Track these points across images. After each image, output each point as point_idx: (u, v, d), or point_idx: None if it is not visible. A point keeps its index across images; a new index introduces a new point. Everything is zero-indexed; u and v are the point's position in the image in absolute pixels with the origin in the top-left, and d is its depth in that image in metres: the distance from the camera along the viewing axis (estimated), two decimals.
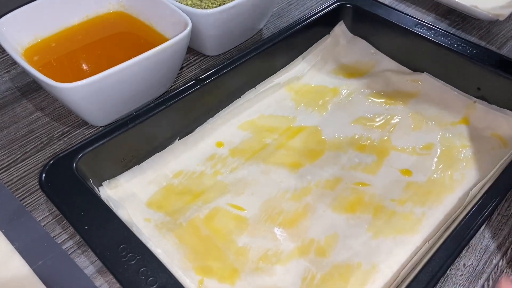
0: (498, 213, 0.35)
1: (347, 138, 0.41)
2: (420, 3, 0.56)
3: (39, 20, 0.43)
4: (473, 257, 0.32)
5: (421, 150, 0.40)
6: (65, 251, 0.33)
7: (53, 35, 0.44)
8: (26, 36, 0.42)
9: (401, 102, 0.44)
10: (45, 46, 0.43)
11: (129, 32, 0.45)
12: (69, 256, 0.32)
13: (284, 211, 0.35)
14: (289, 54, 0.46)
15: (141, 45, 0.43)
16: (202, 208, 0.35)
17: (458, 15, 0.54)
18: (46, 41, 0.43)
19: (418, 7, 0.56)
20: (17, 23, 0.41)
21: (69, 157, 0.32)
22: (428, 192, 0.36)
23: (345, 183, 0.37)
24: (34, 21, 0.42)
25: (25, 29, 0.42)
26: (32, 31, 0.42)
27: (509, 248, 0.33)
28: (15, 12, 0.41)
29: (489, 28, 0.52)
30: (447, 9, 0.55)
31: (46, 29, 0.43)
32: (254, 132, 0.41)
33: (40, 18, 0.43)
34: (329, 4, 0.48)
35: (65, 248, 0.33)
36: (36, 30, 0.43)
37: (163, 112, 0.37)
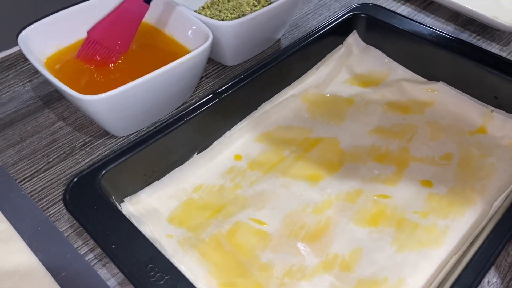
0: None
1: (366, 148, 0.41)
2: (439, 13, 0.56)
3: (61, 31, 0.43)
4: (497, 275, 0.32)
5: (440, 160, 0.39)
6: (88, 263, 0.33)
7: (75, 45, 0.44)
8: (49, 46, 0.43)
9: (417, 111, 0.44)
10: (67, 56, 0.43)
11: (150, 43, 0.45)
12: (92, 267, 0.32)
13: (306, 225, 0.35)
14: (303, 64, 0.46)
15: (162, 56, 0.43)
16: (224, 223, 0.35)
17: (478, 26, 0.54)
18: (68, 51, 0.43)
19: (438, 17, 0.56)
20: (40, 34, 0.42)
21: (92, 174, 0.32)
22: (450, 204, 0.36)
23: (366, 196, 0.37)
24: (57, 32, 0.43)
25: (48, 39, 0.42)
26: (54, 42, 0.43)
27: None
28: (38, 23, 0.42)
29: (510, 39, 0.52)
30: (467, 20, 0.55)
31: (69, 40, 0.44)
32: (271, 144, 0.41)
33: (63, 29, 0.43)
34: (342, 14, 0.48)
35: (88, 259, 0.33)
36: (59, 41, 0.43)
37: (183, 126, 0.37)
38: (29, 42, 0.41)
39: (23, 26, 0.44)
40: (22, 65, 0.50)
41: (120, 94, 0.36)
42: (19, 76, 0.48)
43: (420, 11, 0.57)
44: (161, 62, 0.37)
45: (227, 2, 0.53)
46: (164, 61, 0.37)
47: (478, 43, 0.52)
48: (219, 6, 0.52)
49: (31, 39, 0.41)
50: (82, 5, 0.44)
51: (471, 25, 0.55)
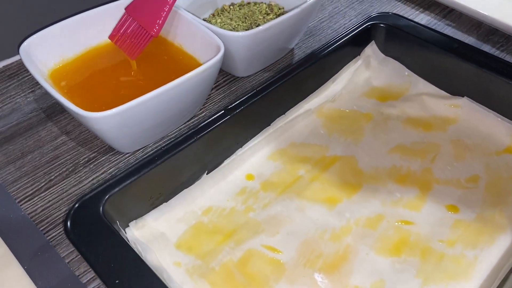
0: None
1: (386, 169, 0.38)
2: (460, 22, 0.54)
3: (65, 41, 0.41)
4: None
5: (466, 183, 0.37)
6: None
7: (80, 56, 0.42)
8: (52, 57, 0.40)
9: (440, 128, 0.41)
10: (72, 67, 0.41)
11: (158, 53, 0.43)
12: None
13: (324, 253, 0.33)
14: (319, 77, 0.44)
15: (172, 68, 0.41)
16: (235, 250, 0.33)
17: (501, 36, 0.51)
18: (72, 62, 0.41)
19: (458, 26, 0.53)
20: (44, 44, 0.39)
21: (95, 199, 0.30)
22: (478, 231, 0.34)
23: (387, 221, 0.34)
24: (61, 42, 0.41)
25: (51, 50, 0.40)
26: (58, 52, 0.41)
27: None
28: (41, 33, 0.39)
29: None
30: (490, 29, 0.52)
31: (73, 50, 0.42)
32: (285, 162, 0.39)
33: (67, 39, 0.41)
34: (360, 23, 0.46)
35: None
36: (63, 51, 0.41)
37: (191, 145, 0.35)
38: (31, 53, 0.39)
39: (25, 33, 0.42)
40: (24, 74, 0.48)
41: (127, 110, 0.33)
42: (21, 86, 0.46)
43: (440, 20, 0.54)
44: (171, 75, 0.35)
45: (238, 9, 0.51)
46: (174, 74, 0.35)
47: (502, 54, 0.49)
48: (230, 14, 0.50)
49: (33, 50, 0.39)
50: (87, 14, 0.42)
51: (494, 35, 0.52)
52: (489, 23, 0.52)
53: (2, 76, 0.47)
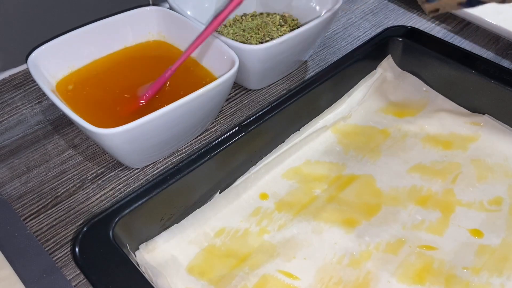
0: None
1: (405, 189, 0.37)
2: (477, 36, 0.52)
3: (74, 52, 0.40)
4: None
5: (490, 206, 0.35)
6: None
7: (89, 67, 0.41)
8: (60, 68, 0.39)
9: (460, 147, 0.40)
10: (81, 78, 0.40)
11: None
12: None
13: (343, 280, 0.31)
14: (334, 92, 0.43)
15: (185, 80, 0.39)
16: (250, 276, 0.31)
17: None
18: (81, 73, 0.40)
19: (476, 40, 0.52)
20: (52, 55, 0.38)
21: (105, 222, 0.29)
22: (505, 258, 0.32)
23: (409, 246, 0.33)
24: (69, 53, 0.39)
25: (59, 61, 0.39)
26: (66, 63, 0.40)
27: None
28: (50, 44, 0.38)
29: None
30: (509, 43, 0.51)
31: (82, 61, 0.40)
32: (300, 181, 0.37)
33: (75, 50, 0.40)
34: (376, 36, 0.44)
35: None
36: (71, 62, 0.40)
37: (205, 164, 0.33)
38: (40, 64, 0.38)
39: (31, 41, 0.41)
40: (31, 84, 0.46)
41: (139, 126, 0.32)
42: (28, 97, 0.45)
43: (456, 33, 0.53)
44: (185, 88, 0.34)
45: (251, 20, 0.50)
46: (188, 87, 0.34)
47: None
48: (242, 25, 0.49)
49: (41, 61, 0.38)
50: (96, 24, 0.41)
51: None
52: (508, 37, 0.50)
53: (8, 86, 0.46)
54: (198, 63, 0.41)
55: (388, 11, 0.57)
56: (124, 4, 0.48)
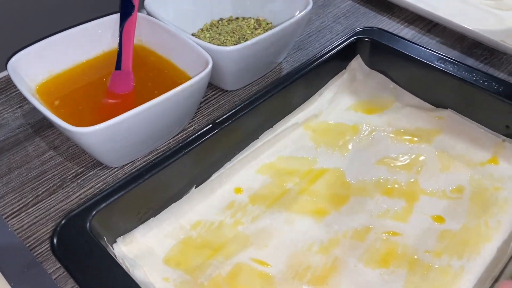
0: None
1: (373, 180, 0.39)
2: (444, 36, 0.55)
3: (54, 56, 0.41)
4: None
5: (452, 194, 0.38)
6: None
7: (68, 71, 0.42)
8: (40, 73, 0.41)
9: (425, 140, 0.42)
10: (60, 82, 0.41)
11: (147, 68, 0.44)
12: None
13: (312, 266, 0.33)
14: (305, 91, 0.45)
15: (160, 82, 0.41)
16: (224, 265, 0.33)
17: (485, 49, 0.53)
18: (61, 77, 0.41)
19: (443, 40, 0.54)
20: (31, 60, 0.39)
21: (82, 215, 0.30)
22: (464, 242, 0.34)
23: (375, 233, 0.35)
24: (49, 57, 0.41)
25: (39, 65, 0.40)
26: (46, 67, 0.41)
27: None
28: (29, 49, 0.39)
29: None
30: (474, 43, 0.54)
31: (61, 65, 0.42)
32: (273, 176, 0.39)
33: (55, 54, 0.41)
34: (345, 38, 0.46)
35: None
36: (51, 66, 0.41)
37: (179, 159, 0.35)
38: (19, 69, 0.39)
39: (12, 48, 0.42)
40: (12, 89, 0.48)
41: (115, 125, 0.34)
42: (9, 102, 0.46)
43: (424, 34, 0.56)
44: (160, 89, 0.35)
45: (227, 24, 0.52)
46: (164, 88, 0.36)
47: (485, 67, 0.50)
48: (219, 29, 0.51)
49: (21, 65, 0.39)
50: (76, 29, 0.42)
51: (477, 48, 0.53)
52: (473, 36, 0.53)
53: None
54: (174, 65, 0.43)
55: (359, 15, 0.59)
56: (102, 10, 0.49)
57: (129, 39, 0.42)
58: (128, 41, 0.42)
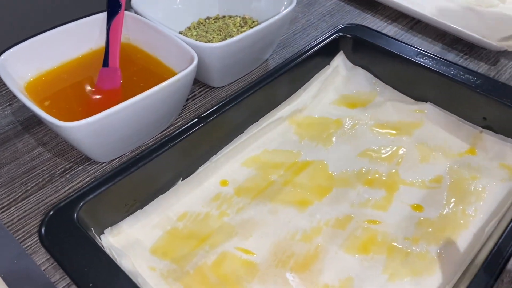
0: None
1: (355, 172, 0.40)
2: (426, 32, 0.56)
3: (42, 54, 0.42)
4: None
5: (431, 183, 0.39)
6: None
7: (57, 69, 0.43)
8: (29, 70, 0.41)
9: (406, 132, 0.43)
10: (49, 79, 0.42)
11: (135, 65, 0.45)
12: None
13: (295, 254, 0.34)
14: (290, 86, 0.46)
15: (148, 78, 0.42)
16: (209, 254, 0.34)
17: (465, 45, 0.54)
18: (49, 74, 0.42)
19: (425, 36, 0.56)
20: (20, 58, 0.40)
21: (69, 206, 0.31)
22: (442, 229, 0.35)
23: (356, 221, 0.36)
24: (37, 55, 0.41)
25: (28, 63, 0.41)
26: (35, 65, 0.42)
27: None
28: (18, 47, 0.40)
29: (497, 59, 0.52)
30: (454, 39, 0.55)
31: (50, 63, 0.42)
32: (258, 168, 0.40)
33: (43, 52, 0.42)
34: (328, 35, 0.48)
35: None
36: (39, 64, 0.42)
37: (166, 152, 0.36)
38: (8, 66, 0.39)
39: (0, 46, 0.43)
40: (2, 88, 0.48)
41: (102, 120, 0.34)
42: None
43: (407, 31, 0.57)
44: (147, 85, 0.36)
45: (214, 23, 0.53)
46: (151, 84, 0.37)
47: (465, 62, 0.52)
48: (206, 27, 0.52)
49: (10, 63, 0.40)
50: (64, 28, 0.43)
51: (458, 44, 0.55)
52: (453, 33, 0.54)
53: None
54: (160, 62, 0.44)
55: (344, 13, 0.60)
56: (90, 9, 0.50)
57: (116, 37, 0.43)
58: (115, 39, 0.43)
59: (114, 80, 0.42)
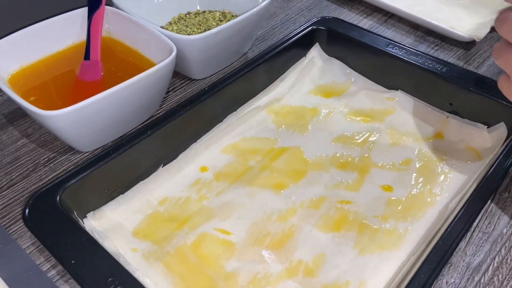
0: (479, 231, 0.36)
1: (329, 157, 0.42)
2: (400, 25, 0.59)
3: (25, 48, 0.43)
4: (456, 275, 0.33)
5: (400, 166, 0.41)
6: (51, 279, 0.32)
7: (40, 62, 0.44)
8: (12, 64, 0.42)
9: (378, 119, 0.45)
10: (32, 73, 0.43)
11: (116, 57, 0.46)
12: (54, 283, 0.32)
13: (271, 233, 0.35)
14: (267, 77, 0.47)
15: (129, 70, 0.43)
16: (189, 235, 0.35)
17: (436, 37, 0.57)
18: (32, 68, 0.43)
19: (398, 29, 0.58)
20: (3, 52, 0.41)
21: (52, 190, 0.32)
22: (410, 207, 0.37)
23: (329, 202, 0.38)
24: (20, 49, 0.42)
25: (11, 57, 0.42)
26: (18, 59, 0.43)
27: (490, 265, 0.34)
28: (0, 41, 0.41)
29: (467, 49, 0.55)
30: (426, 31, 0.58)
31: (33, 57, 0.44)
32: (237, 155, 0.42)
33: (26, 46, 0.43)
34: (304, 28, 0.50)
35: (50, 276, 0.33)
36: (23, 58, 0.43)
37: (146, 140, 0.37)
38: None
39: None
40: None
41: (82, 108, 0.36)
42: None
43: (381, 24, 0.59)
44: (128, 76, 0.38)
45: (194, 17, 0.54)
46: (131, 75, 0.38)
47: (437, 53, 0.54)
48: (186, 22, 0.53)
49: None
50: (47, 22, 0.44)
51: (430, 35, 0.57)
52: (425, 25, 0.57)
53: None
54: (141, 55, 0.45)
55: (322, 7, 0.62)
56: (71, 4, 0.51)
57: (97, 30, 0.44)
58: (96, 32, 0.44)
59: (96, 72, 0.43)
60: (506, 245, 0.35)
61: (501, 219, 0.37)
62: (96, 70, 0.43)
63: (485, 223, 0.37)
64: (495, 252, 0.35)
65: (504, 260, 0.34)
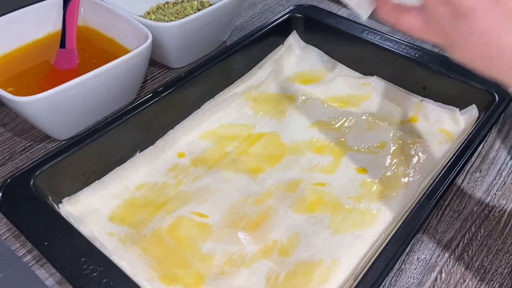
0: (450, 209, 0.37)
1: (305, 141, 0.42)
2: None
3: (1, 37, 0.43)
4: (426, 251, 0.34)
5: (375, 149, 0.42)
6: (26, 264, 0.32)
7: (15, 51, 0.44)
8: None
9: (354, 105, 0.46)
10: (8, 61, 0.43)
11: (92, 46, 0.46)
12: (30, 268, 0.32)
13: (247, 215, 0.36)
14: (245, 64, 0.48)
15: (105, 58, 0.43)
16: (166, 218, 0.35)
17: None
18: (7, 57, 0.43)
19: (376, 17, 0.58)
20: None
21: (26, 175, 0.32)
22: (383, 188, 0.38)
23: (304, 185, 0.38)
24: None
25: None
26: None
27: (461, 242, 0.35)
28: None
29: None
30: None
31: (8, 46, 0.44)
32: (215, 141, 0.42)
33: (1, 36, 0.43)
34: (281, 15, 0.50)
35: (26, 261, 0.33)
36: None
37: (122, 125, 0.37)
38: None
39: None
40: None
41: (57, 94, 0.36)
42: None
43: None
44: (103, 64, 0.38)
45: (172, 7, 0.54)
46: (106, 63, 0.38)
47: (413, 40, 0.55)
48: (164, 11, 0.53)
49: None
50: (19, 12, 0.44)
51: None
52: None
53: None
54: (117, 43, 0.45)
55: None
56: None
57: (73, 18, 0.44)
58: (71, 20, 0.44)
59: (71, 60, 0.43)
60: (476, 223, 0.36)
61: (472, 197, 0.38)
62: (71, 58, 0.43)
63: (456, 201, 0.38)
64: (465, 229, 0.36)
65: (474, 237, 0.36)
